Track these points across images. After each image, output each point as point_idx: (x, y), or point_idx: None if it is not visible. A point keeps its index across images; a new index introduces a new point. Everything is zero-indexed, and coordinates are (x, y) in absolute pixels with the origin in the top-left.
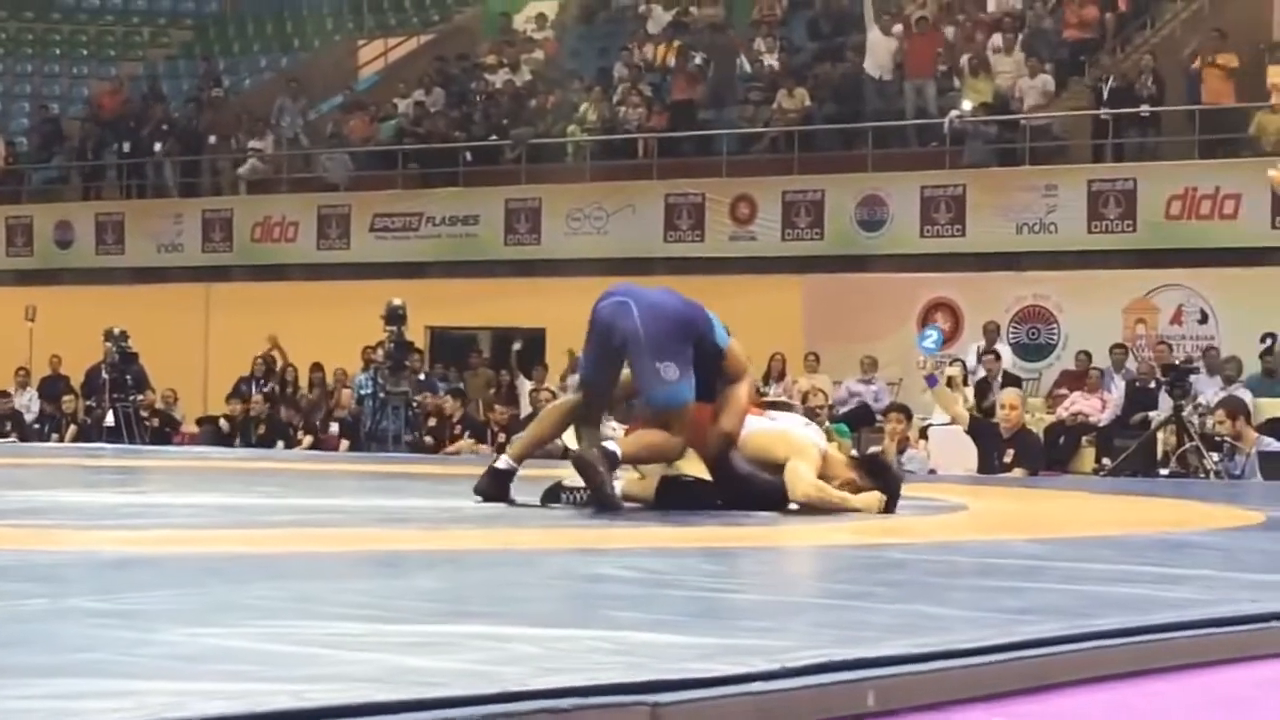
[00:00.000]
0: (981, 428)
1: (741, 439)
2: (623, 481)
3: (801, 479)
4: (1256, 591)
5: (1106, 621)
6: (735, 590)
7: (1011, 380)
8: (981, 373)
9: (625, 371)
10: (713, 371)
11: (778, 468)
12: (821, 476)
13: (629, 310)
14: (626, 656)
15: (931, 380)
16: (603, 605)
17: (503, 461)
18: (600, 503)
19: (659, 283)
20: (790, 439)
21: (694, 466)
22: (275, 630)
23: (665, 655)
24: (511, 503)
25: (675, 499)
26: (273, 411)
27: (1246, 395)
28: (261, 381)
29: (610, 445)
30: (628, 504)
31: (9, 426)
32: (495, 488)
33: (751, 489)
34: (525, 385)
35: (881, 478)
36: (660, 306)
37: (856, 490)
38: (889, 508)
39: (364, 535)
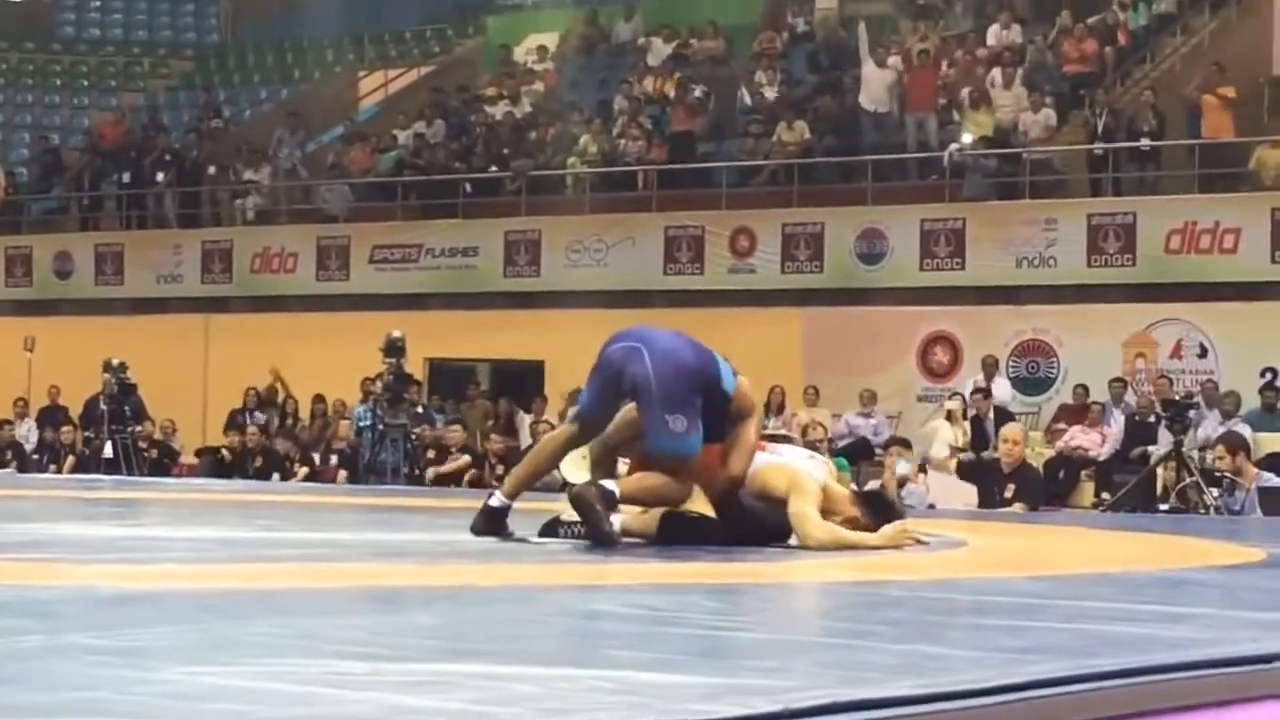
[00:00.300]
0: (978, 466)
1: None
2: (623, 516)
3: (811, 526)
4: (1256, 631)
5: (1107, 662)
6: (737, 628)
7: (1005, 416)
8: (973, 410)
9: (633, 409)
10: (721, 415)
11: (780, 502)
12: (823, 511)
13: (640, 356)
14: (628, 696)
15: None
16: (603, 644)
17: (495, 499)
18: (597, 540)
19: (658, 315)
20: (791, 473)
21: (697, 503)
22: (274, 669)
23: (667, 695)
24: (509, 537)
25: (677, 535)
26: (268, 443)
27: (1246, 430)
28: (254, 413)
29: (609, 484)
30: (628, 539)
31: (9, 456)
32: (490, 526)
33: (754, 527)
34: (525, 419)
35: (885, 515)
36: (672, 355)
37: (857, 525)
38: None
39: (362, 570)
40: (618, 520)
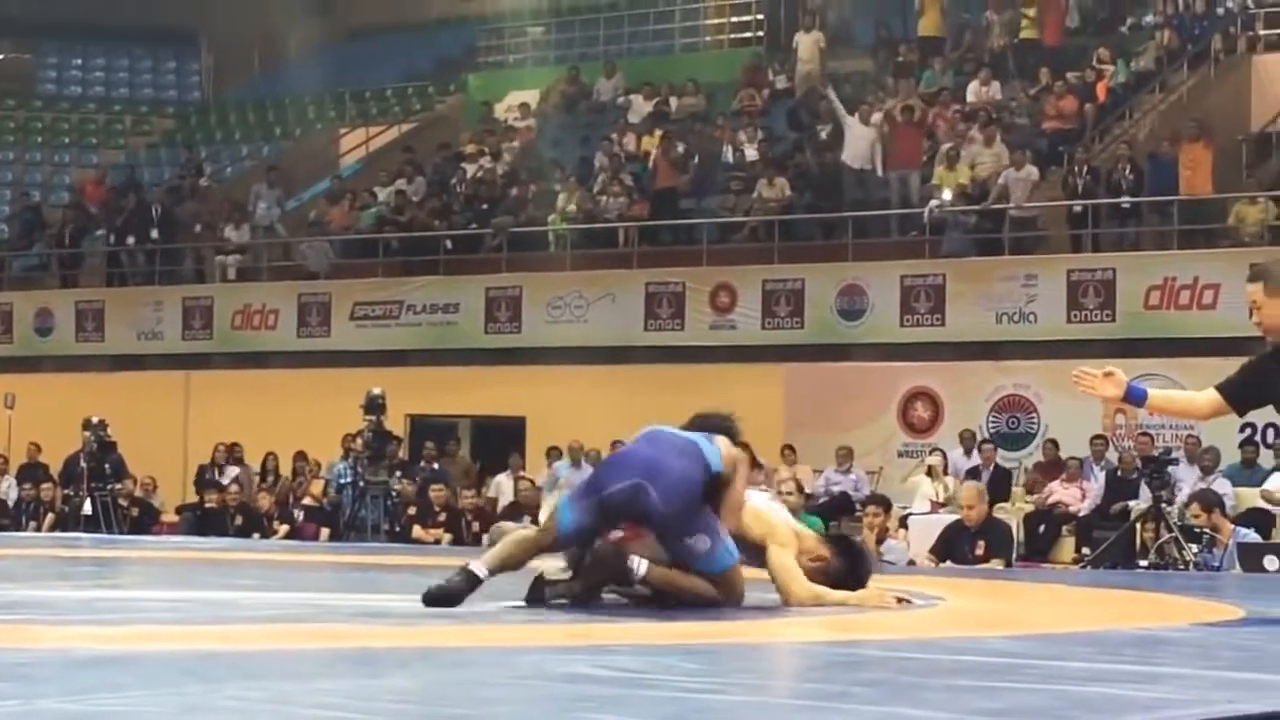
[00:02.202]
0: (947, 532)
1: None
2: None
3: (796, 586)
4: (1233, 691)
5: None
6: (714, 690)
7: (1001, 473)
8: (977, 461)
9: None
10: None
11: (754, 545)
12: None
13: (646, 494)
14: None
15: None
16: (578, 707)
17: (479, 568)
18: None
19: (639, 371)
20: (767, 520)
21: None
22: None
23: None
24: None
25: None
26: (245, 501)
27: (1226, 485)
28: (223, 468)
29: (637, 562)
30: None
31: None
32: (458, 594)
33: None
34: (506, 484)
35: (854, 561)
36: (676, 484)
37: (827, 566)
38: (861, 585)
39: (339, 632)
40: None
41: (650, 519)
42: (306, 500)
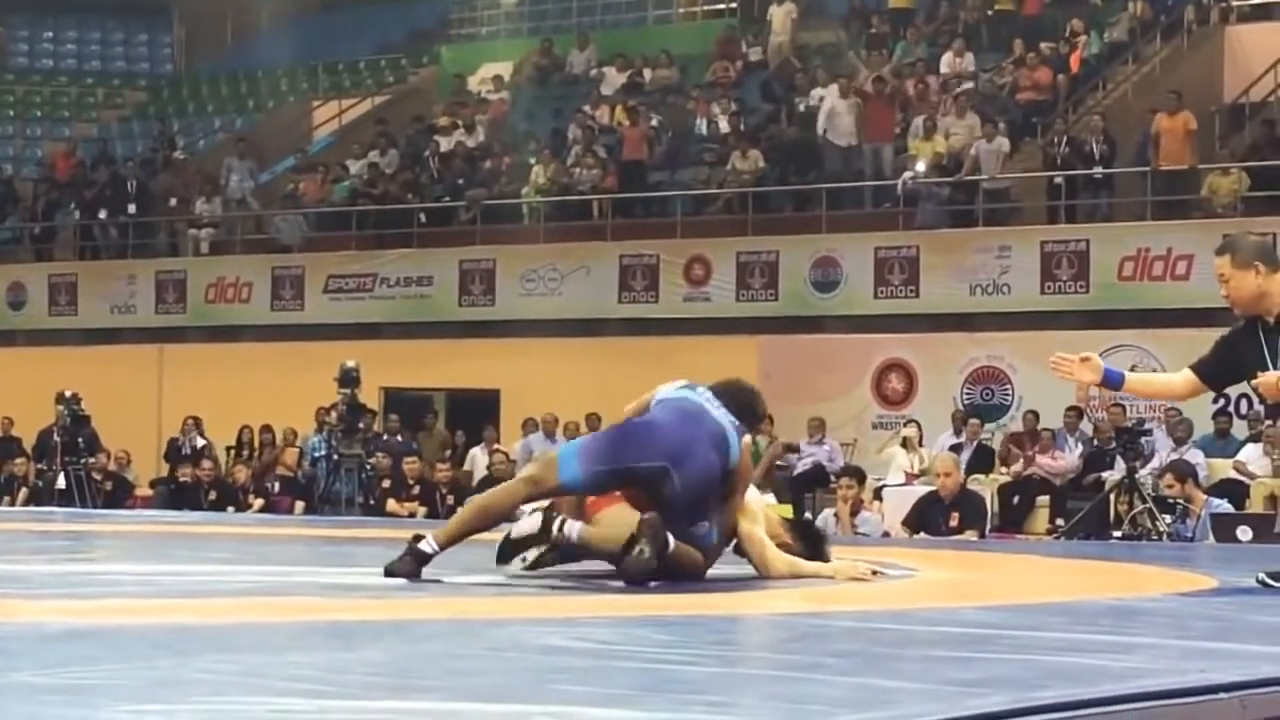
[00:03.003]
0: (921, 504)
1: None
2: (580, 527)
3: (771, 556)
4: (1205, 661)
5: (1054, 694)
6: (686, 662)
7: (984, 449)
8: (965, 438)
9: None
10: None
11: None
12: None
13: (669, 480)
14: None
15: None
16: (551, 679)
17: (427, 544)
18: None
19: (613, 344)
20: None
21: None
22: (220, 707)
23: None
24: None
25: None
26: (220, 475)
27: (1199, 456)
28: (193, 435)
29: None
30: (588, 552)
31: None
32: (410, 570)
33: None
34: (480, 457)
35: (816, 545)
36: (701, 473)
37: (789, 550)
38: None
39: (313, 605)
40: (576, 528)
41: (664, 502)
42: (280, 470)
